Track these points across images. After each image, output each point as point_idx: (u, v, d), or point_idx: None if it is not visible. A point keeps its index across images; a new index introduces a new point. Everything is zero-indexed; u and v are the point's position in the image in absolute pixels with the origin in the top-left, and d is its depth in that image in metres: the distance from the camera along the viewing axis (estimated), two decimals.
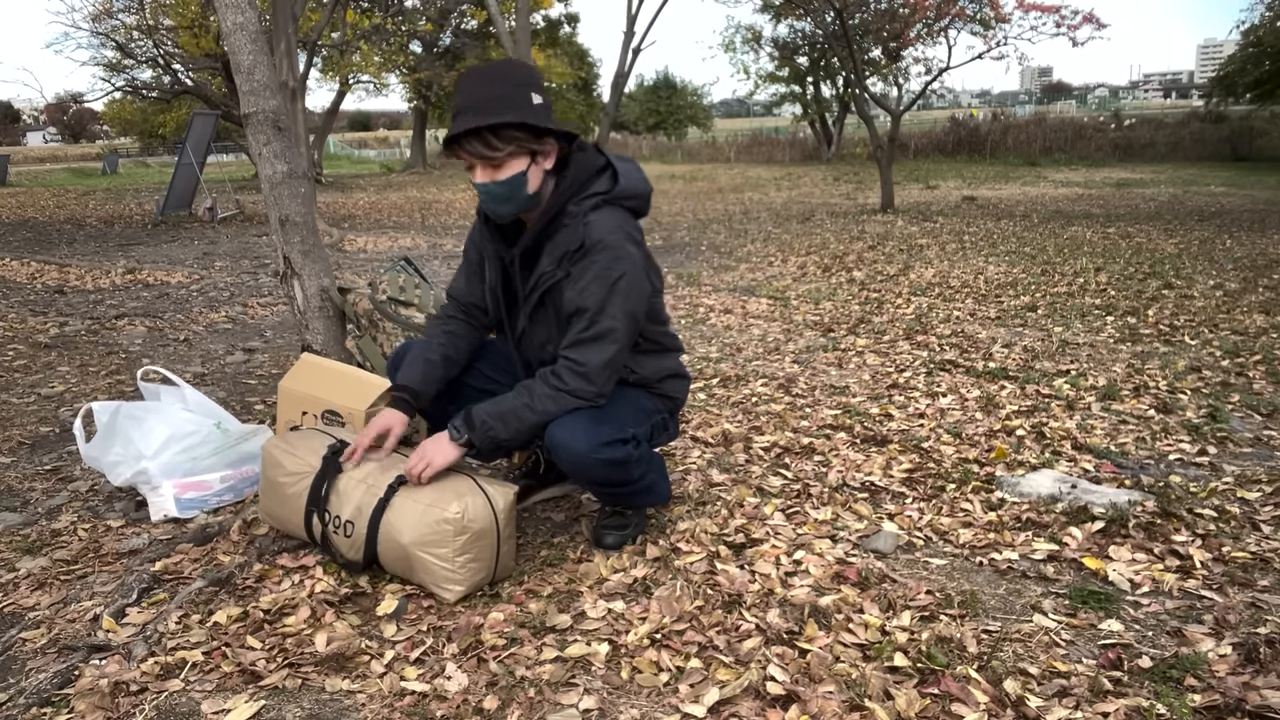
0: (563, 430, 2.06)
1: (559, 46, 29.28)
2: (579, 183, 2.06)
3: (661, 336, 2.28)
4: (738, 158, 30.87)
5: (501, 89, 1.95)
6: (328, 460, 2.15)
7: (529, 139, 1.97)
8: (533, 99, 1.96)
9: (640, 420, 2.20)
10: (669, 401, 2.33)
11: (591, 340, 2.03)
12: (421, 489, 2.03)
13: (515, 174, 1.98)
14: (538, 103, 1.97)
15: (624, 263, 2.02)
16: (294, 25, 7.35)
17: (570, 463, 2.10)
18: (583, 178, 2.07)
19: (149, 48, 20.36)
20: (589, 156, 2.11)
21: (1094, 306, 5.47)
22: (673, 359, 2.33)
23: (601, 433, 2.06)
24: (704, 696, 1.65)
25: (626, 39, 10.63)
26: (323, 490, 2.13)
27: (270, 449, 2.27)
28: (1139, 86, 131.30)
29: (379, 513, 2.03)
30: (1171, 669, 1.72)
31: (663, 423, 2.33)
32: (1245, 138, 23.68)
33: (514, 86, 1.96)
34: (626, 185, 2.11)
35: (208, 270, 7.81)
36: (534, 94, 1.97)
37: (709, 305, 5.81)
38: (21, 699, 1.70)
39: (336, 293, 3.28)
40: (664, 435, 2.37)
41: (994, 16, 15.11)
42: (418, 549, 1.98)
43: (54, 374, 4.22)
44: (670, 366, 2.31)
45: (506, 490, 2.10)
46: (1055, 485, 2.62)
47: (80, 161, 37.09)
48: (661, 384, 2.29)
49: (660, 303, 2.27)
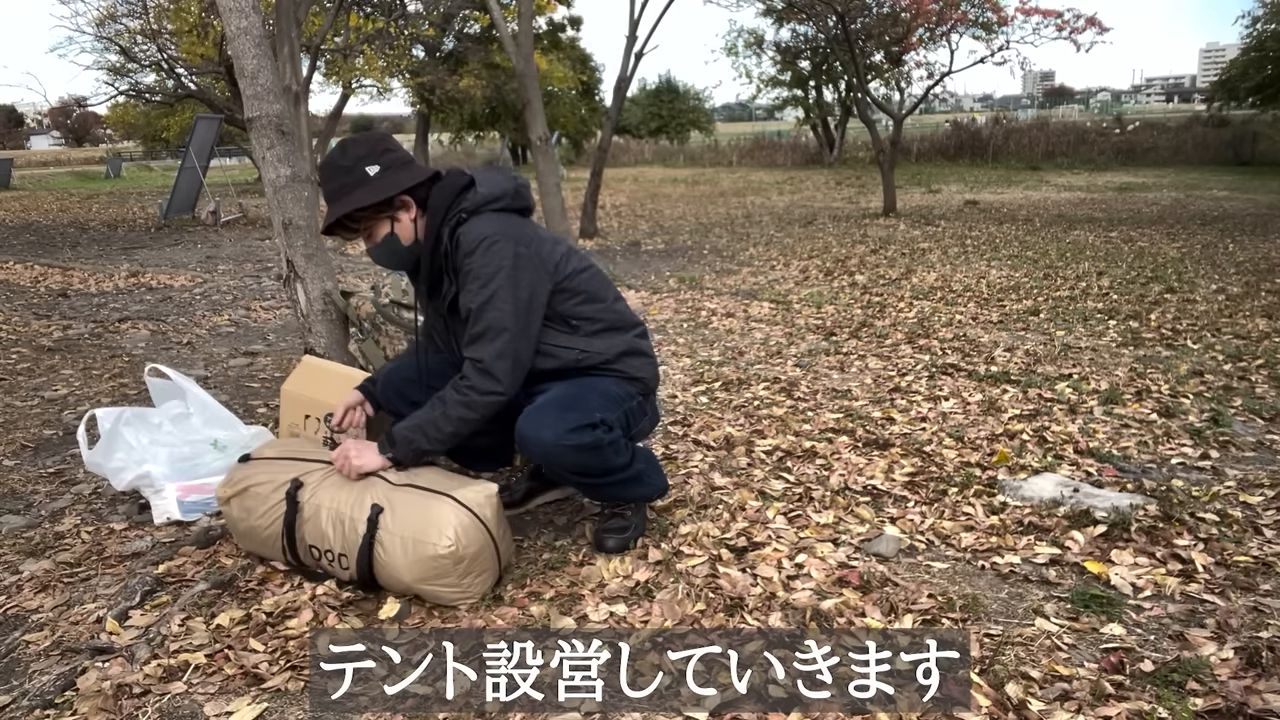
0: (529, 423, 2.10)
1: (561, 50, 29.28)
2: (441, 210, 2.19)
3: (603, 314, 2.29)
4: (740, 162, 30.85)
5: (340, 180, 2.15)
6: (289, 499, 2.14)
7: (375, 210, 2.16)
8: (368, 172, 2.14)
9: (609, 406, 2.19)
10: (637, 384, 2.32)
11: (480, 335, 2.12)
12: (399, 518, 2.02)
13: (384, 235, 2.19)
14: (373, 173, 2.14)
15: (496, 258, 2.11)
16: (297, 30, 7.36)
17: (540, 454, 2.14)
18: (443, 205, 2.19)
19: (152, 52, 20.40)
20: (447, 182, 2.22)
21: (1096, 310, 5.46)
22: (625, 336, 2.31)
23: (567, 419, 2.08)
24: (705, 700, 1.65)
25: (629, 43, 10.63)
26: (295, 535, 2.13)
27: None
28: (1141, 90, 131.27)
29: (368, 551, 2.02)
30: (1173, 673, 1.72)
31: (639, 407, 2.32)
32: (1247, 142, 23.64)
33: (348, 173, 2.15)
34: (484, 191, 2.20)
35: (211, 274, 7.83)
36: (368, 167, 2.14)
37: (711, 309, 5.81)
38: (25, 701, 1.70)
39: (339, 296, 3.29)
40: (643, 421, 2.37)
41: (996, 20, 15.12)
42: (422, 584, 2.01)
43: (57, 377, 4.23)
44: (625, 343, 2.30)
45: (486, 490, 2.10)
46: (1057, 489, 2.62)
47: (84, 165, 37.13)
48: (619, 362, 2.28)
49: (595, 282, 2.29)
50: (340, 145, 2.24)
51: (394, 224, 2.19)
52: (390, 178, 2.15)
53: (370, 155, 2.16)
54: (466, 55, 26.05)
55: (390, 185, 2.15)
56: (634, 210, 13.98)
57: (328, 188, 2.18)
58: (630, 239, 9.66)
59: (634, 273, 7.59)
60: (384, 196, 2.14)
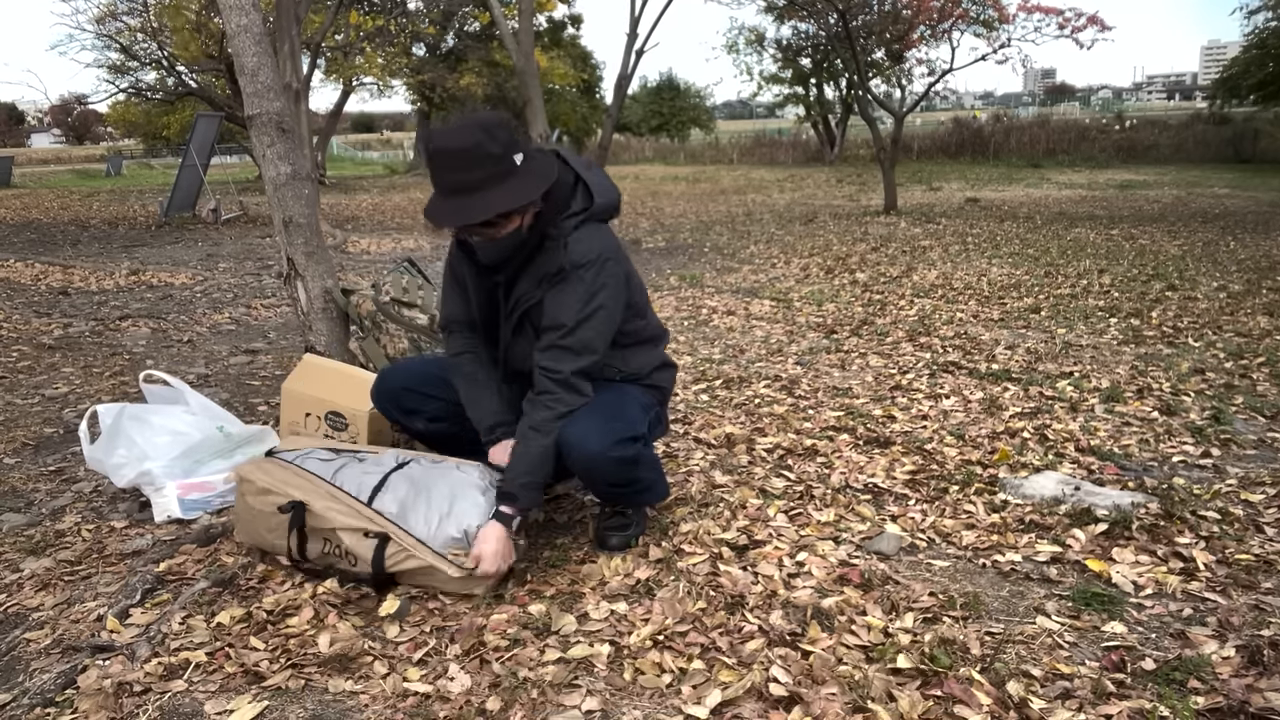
0: (575, 430, 2.06)
1: (562, 48, 29.29)
2: (556, 211, 2.06)
3: (644, 329, 2.29)
4: (741, 159, 30.85)
5: (489, 168, 1.88)
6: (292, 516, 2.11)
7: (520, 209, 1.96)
8: (515, 161, 1.91)
9: (642, 417, 2.21)
10: (658, 393, 2.34)
11: (568, 349, 2.05)
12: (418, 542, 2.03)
13: (511, 231, 2.00)
14: (519, 161, 1.92)
15: (607, 278, 2.06)
16: (298, 27, 7.36)
17: (583, 462, 2.10)
18: (560, 206, 2.06)
19: (153, 50, 20.42)
20: (561, 176, 2.06)
21: (1097, 308, 5.46)
22: (659, 349, 2.34)
23: (614, 431, 2.08)
24: (707, 698, 1.65)
25: (630, 41, 10.62)
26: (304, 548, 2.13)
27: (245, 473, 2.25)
28: (1142, 88, 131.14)
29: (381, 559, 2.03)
30: (1175, 671, 1.72)
31: (657, 416, 2.35)
32: (1249, 139, 23.63)
33: (499, 162, 1.89)
34: (601, 201, 2.11)
35: (211, 272, 7.82)
36: (515, 155, 1.91)
37: (712, 307, 5.81)
38: (25, 699, 1.70)
39: (340, 294, 3.29)
40: (658, 429, 2.39)
41: (997, 18, 15.11)
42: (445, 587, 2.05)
43: (58, 375, 4.23)
44: (658, 357, 2.32)
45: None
46: (1058, 487, 2.62)
47: (84, 163, 37.15)
48: (651, 376, 2.30)
49: (640, 292, 2.28)
50: (483, 128, 1.90)
51: (523, 219, 2.00)
52: (539, 167, 1.97)
53: (514, 142, 1.93)
54: (467, 53, 26.07)
55: (544, 177, 1.96)
56: (635, 208, 13.97)
57: (471, 175, 1.89)
58: (631, 237, 9.65)
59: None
60: (544, 189, 1.96)
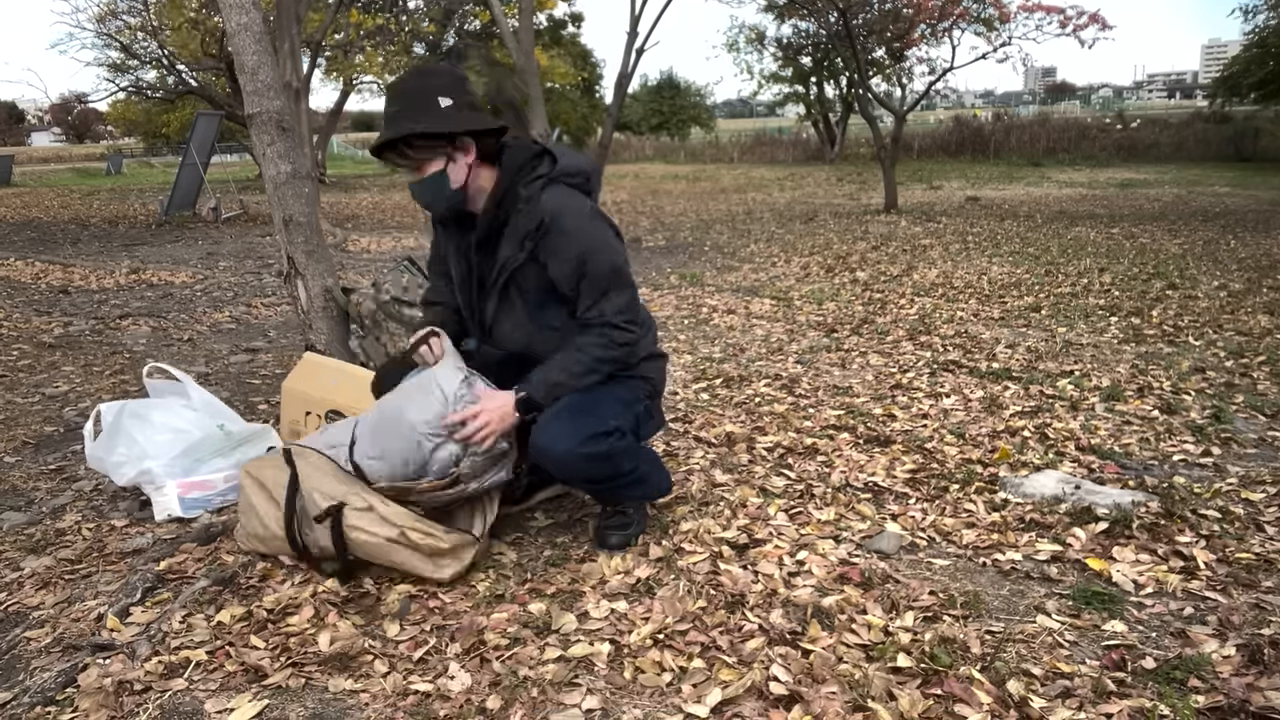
0: (544, 435, 2.09)
1: (562, 47, 29.28)
2: (517, 166, 2.14)
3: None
4: (741, 158, 30.85)
5: (407, 102, 2.08)
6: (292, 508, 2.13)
7: (439, 143, 2.08)
8: (440, 103, 2.06)
9: (620, 411, 2.19)
10: (647, 385, 2.31)
11: (606, 291, 2.12)
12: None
13: (434, 173, 2.11)
14: (446, 105, 2.07)
15: (592, 227, 2.13)
16: (298, 26, 7.36)
17: (555, 464, 2.13)
18: (520, 161, 2.15)
19: (153, 48, 20.42)
20: (522, 144, 2.19)
21: (1098, 307, 5.46)
22: (648, 338, 2.33)
23: (584, 427, 2.08)
24: (707, 697, 1.66)
25: (630, 39, 10.62)
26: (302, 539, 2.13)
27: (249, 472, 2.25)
28: (1143, 87, 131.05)
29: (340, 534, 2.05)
30: (1175, 670, 1.72)
31: (646, 411, 2.31)
32: (1249, 138, 23.61)
33: (422, 95, 2.07)
34: (566, 163, 2.17)
35: (211, 270, 7.82)
36: (442, 98, 2.07)
37: (712, 305, 5.81)
38: (26, 698, 1.70)
39: (340, 293, 3.29)
40: (650, 424, 2.37)
41: (998, 17, 15.10)
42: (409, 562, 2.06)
43: (58, 374, 4.23)
44: (647, 346, 2.31)
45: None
46: (1059, 486, 2.62)
47: (84, 162, 37.16)
48: (640, 366, 2.29)
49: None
50: (417, 70, 2.18)
51: (449, 162, 2.11)
52: (462, 115, 2.09)
53: (446, 88, 2.09)
54: (467, 51, 26.04)
55: (460, 121, 2.08)
56: (635, 207, 13.97)
57: (392, 107, 2.09)
58: (631, 235, 9.65)
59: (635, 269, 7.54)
60: (450, 130, 2.07)
